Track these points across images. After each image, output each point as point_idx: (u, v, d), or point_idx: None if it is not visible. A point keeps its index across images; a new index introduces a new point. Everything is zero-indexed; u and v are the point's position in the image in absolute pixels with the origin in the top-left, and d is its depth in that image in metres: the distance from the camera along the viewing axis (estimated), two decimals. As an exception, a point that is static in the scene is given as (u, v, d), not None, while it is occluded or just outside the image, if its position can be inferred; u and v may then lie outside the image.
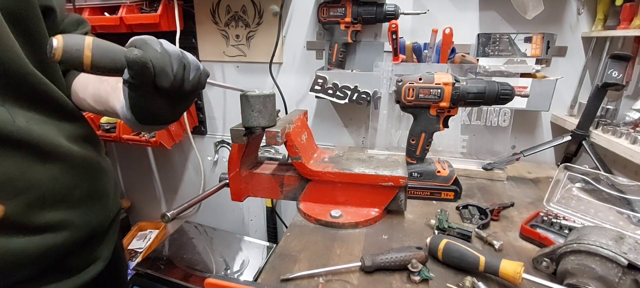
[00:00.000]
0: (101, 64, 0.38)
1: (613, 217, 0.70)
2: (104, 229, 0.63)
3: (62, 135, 0.52)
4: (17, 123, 0.45)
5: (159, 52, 0.40)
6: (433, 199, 0.82)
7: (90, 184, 0.58)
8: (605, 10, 0.97)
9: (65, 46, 0.36)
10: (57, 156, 0.50)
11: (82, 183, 0.56)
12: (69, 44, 0.36)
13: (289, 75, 1.31)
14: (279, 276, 0.56)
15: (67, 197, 0.52)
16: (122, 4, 1.23)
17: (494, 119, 1.03)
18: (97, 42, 0.38)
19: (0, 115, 0.44)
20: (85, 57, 0.37)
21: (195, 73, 0.45)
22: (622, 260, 0.45)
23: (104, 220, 0.62)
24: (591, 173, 0.76)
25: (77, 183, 0.54)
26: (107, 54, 0.38)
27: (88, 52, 0.37)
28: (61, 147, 0.51)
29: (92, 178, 0.58)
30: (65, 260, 0.54)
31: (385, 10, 1.04)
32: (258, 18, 1.26)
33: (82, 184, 0.56)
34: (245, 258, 1.34)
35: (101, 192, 0.61)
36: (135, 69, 0.39)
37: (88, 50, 0.37)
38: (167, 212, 0.57)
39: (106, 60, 0.38)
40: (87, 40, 0.37)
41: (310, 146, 0.78)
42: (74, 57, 0.36)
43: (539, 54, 1.04)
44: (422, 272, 0.54)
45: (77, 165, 0.54)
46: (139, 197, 1.80)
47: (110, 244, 0.65)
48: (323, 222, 0.71)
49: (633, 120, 0.88)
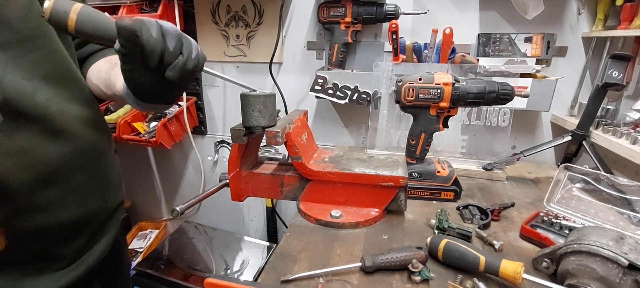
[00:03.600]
0: (85, 29, 0.41)
1: (613, 217, 0.70)
2: (101, 220, 0.63)
3: (77, 117, 0.54)
4: (36, 99, 0.47)
5: (153, 34, 0.42)
6: (433, 199, 0.82)
7: (93, 171, 0.58)
8: (605, 10, 0.97)
9: (53, 7, 0.40)
10: (68, 136, 0.52)
11: (86, 167, 0.56)
12: (57, 6, 0.40)
13: (289, 75, 1.31)
14: (279, 276, 0.56)
15: (69, 179, 0.53)
16: (123, 4, 1.23)
17: (493, 119, 1.03)
18: (85, 9, 0.41)
19: (24, 88, 0.46)
20: (69, 19, 0.40)
21: (194, 53, 0.46)
22: (623, 260, 0.45)
23: (102, 209, 0.62)
24: (591, 173, 0.75)
25: (81, 166, 0.55)
26: (93, 21, 0.41)
27: (73, 16, 0.40)
28: (73, 129, 0.53)
29: (96, 166, 0.59)
30: (58, 247, 0.54)
31: (386, 10, 1.04)
32: (258, 18, 1.26)
33: (86, 169, 0.56)
34: (246, 258, 1.34)
35: (102, 180, 0.61)
36: (125, 35, 0.40)
37: (74, 14, 0.40)
38: (176, 207, 0.58)
39: (90, 26, 0.41)
40: (75, 6, 0.40)
41: (310, 146, 0.78)
42: (60, 19, 0.40)
43: (539, 54, 1.04)
44: (423, 272, 0.54)
45: (84, 149, 0.55)
46: (139, 197, 1.79)
47: (108, 237, 0.65)
48: (323, 222, 0.71)
49: (633, 121, 0.88)
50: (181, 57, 0.45)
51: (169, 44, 0.43)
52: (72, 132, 0.53)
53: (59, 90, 0.51)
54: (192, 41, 0.47)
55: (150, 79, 0.45)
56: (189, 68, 0.46)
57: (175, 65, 0.44)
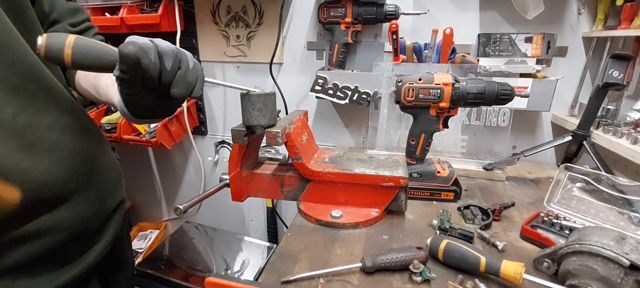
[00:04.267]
0: (82, 62, 0.40)
1: (614, 217, 0.70)
2: (99, 223, 0.61)
3: (52, 127, 0.51)
4: (1, 115, 0.45)
5: (152, 58, 0.42)
6: (433, 200, 0.82)
7: (84, 178, 0.56)
8: (605, 10, 0.97)
9: (47, 44, 0.39)
10: (44, 148, 0.49)
11: (75, 176, 0.54)
12: (50, 43, 0.39)
13: (290, 76, 1.31)
14: (280, 276, 0.56)
15: (58, 192, 0.51)
16: (123, 5, 1.23)
17: (493, 119, 1.02)
18: (79, 41, 0.40)
19: None
20: (65, 55, 0.39)
21: (192, 64, 0.46)
22: (624, 260, 0.45)
23: (99, 213, 0.61)
24: (592, 173, 0.75)
25: (69, 176, 0.53)
26: (89, 52, 0.40)
27: (68, 51, 0.39)
28: (48, 139, 0.50)
29: (86, 172, 0.57)
30: (54, 251, 0.53)
31: (386, 11, 1.04)
32: (258, 18, 1.26)
33: (75, 177, 0.54)
34: (246, 259, 1.34)
35: (97, 185, 0.60)
36: (129, 63, 0.40)
37: (68, 49, 0.39)
38: (179, 205, 0.58)
39: (87, 59, 0.40)
40: (69, 39, 0.39)
41: (310, 146, 0.78)
42: (55, 55, 0.39)
43: (539, 54, 1.04)
44: (424, 273, 0.54)
45: (68, 157, 0.53)
46: (139, 197, 1.79)
47: (107, 237, 0.64)
48: (323, 222, 0.71)
49: (634, 121, 0.88)
50: (180, 72, 0.45)
51: (166, 64, 0.44)
52: (49, 143, 0.50)
53: (29, 101, 0.48)
54: (188, 54, 0.47)
55: (148, 98, 0.45)
56: (190, 80, 0.46)
57: (176, 81, 0.45)
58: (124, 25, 1.22)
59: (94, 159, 0.60)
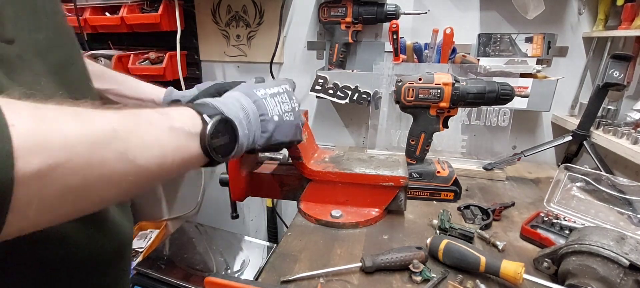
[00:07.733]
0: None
1: (614, 217, 0.70)
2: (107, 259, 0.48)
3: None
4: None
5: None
6: (433, 200, 0.82)
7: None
8: (606, 10, 0.97)
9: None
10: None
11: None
12: None
13: (290, 75, 1.31)
14: (280, 276, 0.56)
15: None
16: (123, 4, 1.23)
17: (493, 119, 1.02)
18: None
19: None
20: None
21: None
22: (624, 260, 0.45)
23: (104, 248, 0.43)
24: (592, 173, 0.75)
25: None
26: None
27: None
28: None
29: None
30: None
31: (386, 10, 1.04)
32: (259, 18, 1.26)
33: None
34: (246, 258, 1.34)
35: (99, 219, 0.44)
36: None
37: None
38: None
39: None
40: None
41: (310, 146, 0.78)
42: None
43: (539, 54, 1.04)
44: (424, 272, 0.54)
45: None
46: (139, 197, 1.79)
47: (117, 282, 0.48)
48: (323, 222, 0.71)
49: (634, 121, 0.88)
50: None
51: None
52: None
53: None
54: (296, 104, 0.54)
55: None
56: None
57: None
58: (124, 25, 1.22)
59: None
